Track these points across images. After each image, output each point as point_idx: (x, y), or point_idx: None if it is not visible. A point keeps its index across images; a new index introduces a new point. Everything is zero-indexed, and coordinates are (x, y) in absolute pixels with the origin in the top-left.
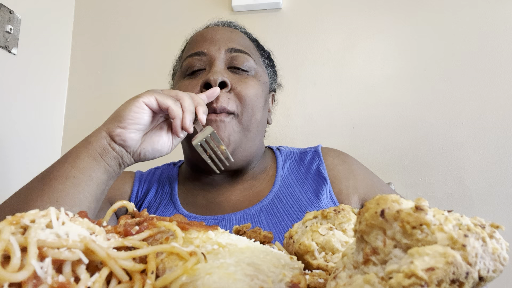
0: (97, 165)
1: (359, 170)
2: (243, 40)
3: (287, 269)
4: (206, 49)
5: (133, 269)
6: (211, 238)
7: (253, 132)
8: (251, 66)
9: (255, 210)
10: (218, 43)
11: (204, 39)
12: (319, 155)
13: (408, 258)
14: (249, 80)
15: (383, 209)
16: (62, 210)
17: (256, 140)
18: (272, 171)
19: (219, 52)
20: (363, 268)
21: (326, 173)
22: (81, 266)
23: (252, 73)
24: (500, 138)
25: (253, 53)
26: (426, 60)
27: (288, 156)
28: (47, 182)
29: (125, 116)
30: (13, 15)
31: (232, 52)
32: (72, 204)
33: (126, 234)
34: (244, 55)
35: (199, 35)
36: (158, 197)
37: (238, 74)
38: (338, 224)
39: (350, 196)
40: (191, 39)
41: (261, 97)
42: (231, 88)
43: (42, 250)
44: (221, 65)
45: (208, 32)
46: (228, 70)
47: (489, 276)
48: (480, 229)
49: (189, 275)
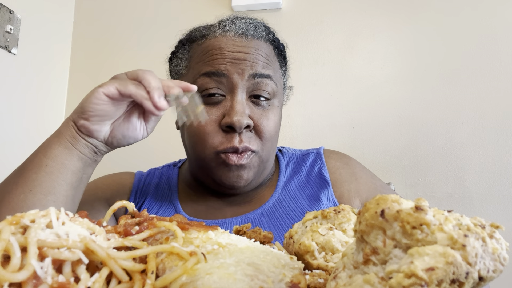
0: (69, 153)
1: (362, 173)
2: (267, 55)
3: (287, 269)
4: (226, 70)
5: (133, 269)
6: (211, 238)
7: (270, 161)
8: (272, 91)
9: (257, 215)
10: (241, 65)
11: (223, 56)
12: (321, 158)
13: (408, 258)
14: (269, 114)
15: (383, 209)
16: (62, 210)
17: (269, 163)
18: (275, 176)
19: (242, 77)
20: (363, 268)
21: (328, 176)
22: (81, 266)
23: (272, 100)
24: (500, 138)
25: (275, 68)
26: (426, 60)
27: (291, 158)
28: (21, 173)
29: (85, 108)
30: (13, 15)
31: (256, 78)
32: (46, 193)
33: (126, 234)
34: (268, 80)
35: (217, 48)
36: (158, 201)
37: (259, 106)
38: (338, 224)
39: (352, 200)
40: (206, 47)
41: (278, 125)
42: (253, 126)
43: (42, 250)
44: (242, 96)
45: (229, 45)
46: (249, 100)
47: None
48: (480, 229)
49: (189, 275)
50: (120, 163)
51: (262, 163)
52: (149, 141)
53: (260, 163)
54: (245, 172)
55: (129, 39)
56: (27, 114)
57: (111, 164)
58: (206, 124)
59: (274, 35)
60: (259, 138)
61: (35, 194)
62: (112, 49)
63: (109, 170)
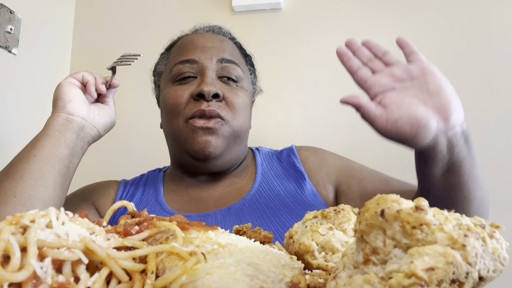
0: (57, 142)
1: (329, 156)
2: (232, 49)
3: (287, 269)
4: (197, 57)
5: (133, 269)
6: (211, 238)
7: (240, 138)
8: (239, 75)
9: (239, 205)
10: (209, 52)
11: (195, 47)
12: (294, 152)
13: (408, 258)
14: (238, 91)
15: (383, 209)
16: (62, 210)
17: (242, 144)
18: (252, 168)
19: (211, 61)
20: (363, 268)
21: (301, 167)
22: (81, 266)
23: (240, 83)
24: (500, 138)
25: (240, 62)
26: None
27: (266, 155)
28: (10, 165)
29: (62, 96)
30: (13, 15)
31: (223, 62)
32: (36, 178)
33: (126, 234)
34: (234, 65)
35: (190, 42)
36: (144, 199)
37: (228, 84)
38: (338, 224)
39: (327, 186)
40: (181, 43)
41: (248, 106)
42: (223, 98)
43: (42, 250)
44: (212, 75)
45: (199, 39)
46: (219, 80)
47: (489, 276)
48: (480, 229)
49: (189, 275)
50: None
51: (233, 135)
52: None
53: (230, 134)
54: (213, 138)
55: (129, 39)
56: (27, 114)
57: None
58: (179, 97)
59: (237, 40)
60: (229, 108)
61: (26, 180)
62: (112, 49)
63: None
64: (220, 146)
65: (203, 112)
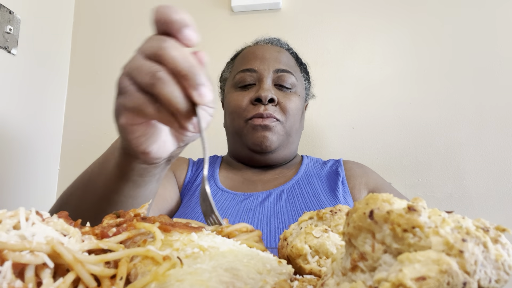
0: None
1: (373, 172)
2: (287, 59)
3: (272, 275)
4: (257, 67)
5: (102, 274)
6: (193, 241)
7: (293, 137)
8: (293, 82)
9: (279, 191)
10: (267, 62)
11: (255, 57)
12: (340, 162)
13: (397, 266)
14: (291, 96)
15: (372, 210)
16: (33, 211)
17: (294, 144)
18: (299, 165)
19: (268, 71)
20: (350, 276)
21: (343, 173)
22: (46, 270)
23: (294, 89)
24: (500, 138)
25: (295, 70)
26: (426, 60)
27: (313, 160)
28: None
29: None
30: (13, 15)
31: (279, 72)
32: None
33: (103, 236)
34: (288, 74)
35: (251, 53)
36: None
37: (282, 91)
38: (334, 226)
39: (362, 191)
40: (243, 54)
41: (300, 110)
42: (277, 102)
43: (2, 253)
44: (269, 82)
45: (259, 50)
46: (274, 87)
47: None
48: (482, 232)
49: (159, 281)
50: None
51: (286, 134)
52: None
53: (284, 133)
54: (269, 134)
55: (129, 39)
56: (27, 114)
57: None
58: (240, 101)
59: (293, 51)
60: (283, 111)
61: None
62: (112, 49)
63: None
64: (276, 142)
65: (261, 114)
